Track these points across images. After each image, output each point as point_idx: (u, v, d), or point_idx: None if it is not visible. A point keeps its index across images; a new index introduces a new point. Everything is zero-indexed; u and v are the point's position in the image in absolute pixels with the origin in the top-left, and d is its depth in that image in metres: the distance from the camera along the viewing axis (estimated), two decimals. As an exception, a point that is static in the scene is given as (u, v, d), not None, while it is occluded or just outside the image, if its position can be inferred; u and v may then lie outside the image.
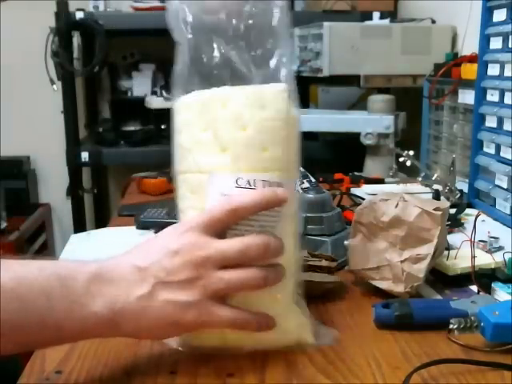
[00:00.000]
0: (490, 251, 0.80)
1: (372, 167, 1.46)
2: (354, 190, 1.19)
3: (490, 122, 1.05)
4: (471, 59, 1.20)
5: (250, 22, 0.56)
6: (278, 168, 0.55)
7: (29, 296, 0.47)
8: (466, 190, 1.12)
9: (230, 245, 0.52)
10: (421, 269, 0.67)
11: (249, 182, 0.53)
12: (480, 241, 0.82)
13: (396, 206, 0.69)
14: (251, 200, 0.52)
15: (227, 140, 0.54)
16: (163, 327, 0.51)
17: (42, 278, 0.48)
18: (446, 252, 0.76)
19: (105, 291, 0.49)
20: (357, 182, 1.27)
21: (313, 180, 1.03)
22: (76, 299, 0.48)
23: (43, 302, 0.48)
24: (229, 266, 0.51)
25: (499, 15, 1.03)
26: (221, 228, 0.53)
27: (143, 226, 1.00)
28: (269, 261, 0.53)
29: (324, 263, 0.73)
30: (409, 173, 1.36)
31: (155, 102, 1.97)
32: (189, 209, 0.57)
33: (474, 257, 0.72)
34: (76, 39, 2.12)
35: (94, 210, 2.38)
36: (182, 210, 0.58)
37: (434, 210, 0.68)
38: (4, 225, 2.03)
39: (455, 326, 0.60)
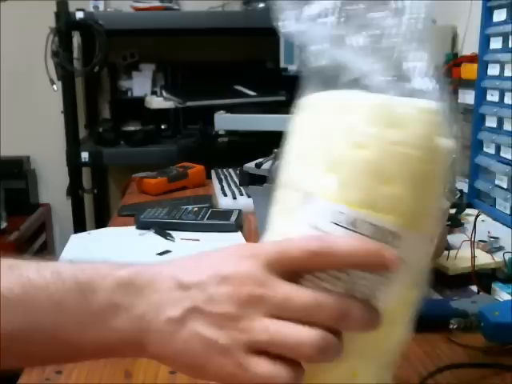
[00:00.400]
0: (490, 251, 0.80)
1: (372, 167, 1.45)
2: (354, 190, 1.19)
3: (490, 122, 1.05)
4: (471, 59, 1.20)
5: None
6: (399, 213, 0.39)
7: (37, 305, 0.40)
8: (465, 190, 1.12)
9: (297, 294, 0.38)
10: (421, 269, 0.67)
11: (351, 222, 0.39)
12: (480, 241, 0.82)
13: (396, 206, 0.69)
14: (346, 250, 0.38)
15: (337, 157, 0.40)
16: (187, 364, 0.40)
17: (56, 284, 0.40)
18: (446, 252, 0.76)
19: (132, 304, 0.40)
20: (357, 182, 1.27)
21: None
22: (95, 312, 0.40)
23: (54, 313, 0.40)
24: (282, 319, 0.38)
25: (499, 15, 1.03)
26: (294, 270, 0.40)
27: (143, 226, 1.00)
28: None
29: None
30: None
31: (155, 102, 1.97)
32: (270, 231, 0.44)
33: (473, 257, 0.72)
34: (76, 39, 2.12)
35: (94, 210, 2.38)
36: (267, 231, 0.45)
37: (434, 210, 0.68)
38: (4, 225, 2.03)
39: (455, 326, 0.60)
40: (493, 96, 1.04)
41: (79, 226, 2.01)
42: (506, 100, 1.00)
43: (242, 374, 0.38)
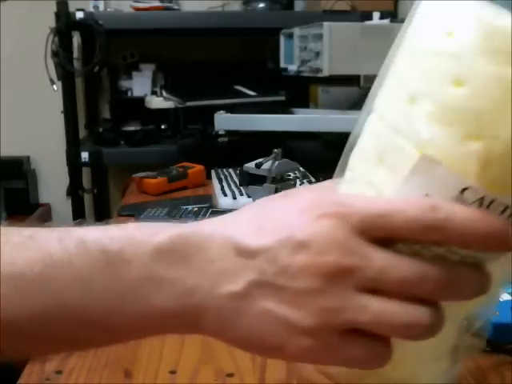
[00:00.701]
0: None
1: (372, 167, 1.45)
2: (354, 190, 1.19)
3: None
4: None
5: None
6: None
7: (60, 284, 0.33)
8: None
9: (397, 264, 0.30)
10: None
11: (480, 200, 0.30)
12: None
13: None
14: (465, 228, 0.30)
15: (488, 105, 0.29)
16: (257, 344, 0.33)
17: (81, 256, 0.33)
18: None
19: (177, 276, 0.32)
20: (357, 182, 1.27)
21: (313, 180, 1.04)
22: (130, 288, 0.33)
23: (80, 292, 0.33)
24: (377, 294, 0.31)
25: (499, 15, 1.03)
26: (388, 238, 0.31)
27: (143, 226, 1.00)
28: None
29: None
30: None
31: (155, 102, 1.96)
32: (360, 181, 0.34)
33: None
34: (76, 39, 2.12)
35: (94, 210, 2.38)
36: (347, 178, 0.36)
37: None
38: (4, 225, 2.03)
39: (455, 326, 0.59)
40: (493, 96, 1.04)
41: (79, 226, 2.01)
42: (506, 100, 1.00)
43: (333, 356, 0.32)
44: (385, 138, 0.33)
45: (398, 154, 0.32)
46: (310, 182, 1.02)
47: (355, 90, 1.69)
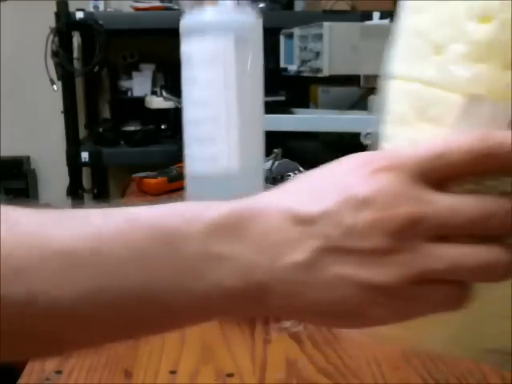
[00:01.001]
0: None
1: (372, 167, 1.46)
2: (354, 190, 1.19)
3: (490, 122, 1.05)
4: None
5: None
6: None
7: (115, 261, 0.30)
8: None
9: (463, 204, 0.30)
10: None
11: None
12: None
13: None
14: None
15: None
16: (334, 316, 0.32)
17: (134, 234, 0.31)
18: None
19: (235, 251, 0.31)
20: (357, 182, 1.27)
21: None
22: (188, 265, 0.31)
23: (137, 269, 0.30)
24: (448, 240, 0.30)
25: (499, 15, 1.03)
26: (447, 178, 0.30)
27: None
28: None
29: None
30: (409, 173, 1.36)
31: (155, 102, 1.96)
32: (405, 143, 0.34)
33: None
34: (76, 39, 2.12)
35: (94, 210, 2.38)
36: (386, 135, 0.36)
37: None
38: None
39: (455, 326, 0.59)
40: (493, 96, 1.04)
41: (79, 226, 2.01)
42: (506, 100, 1.00)
43: (413, 308, 0.31)
44: (421, 96, 0.33)
45: (440, 105, 0.32)
46: (309, 182, 1.02)
47: (355, 89, 1.69)
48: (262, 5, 2.21)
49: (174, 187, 1.28)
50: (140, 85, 2.17)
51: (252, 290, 0.31)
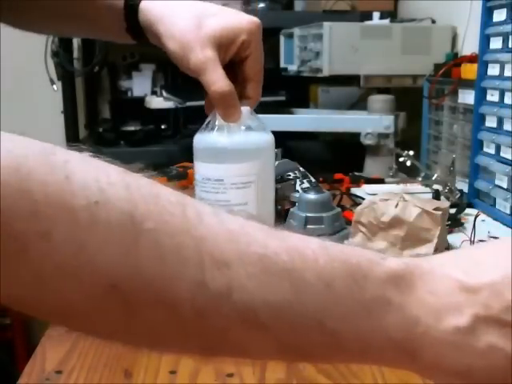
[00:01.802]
0: (490, 251, 0.79)
1: (372, 167, 1.46)
2: (354, 190, 1.19)
3: (490, 122, 1.05)
4: (471, 59, 1.20)
5: None
6: None
7: (305, 279, 0.32)
8: (466, 189, 1.12)
9: None
10: (421, 269, 0.67)
11: None
12: (480, 241, 0.82)
13: (396, 206, 0.69)
14: None
15: None
16: (479, 379, 0.33)
17: (324, 260, 0.32)
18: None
19: (405, 302, 0.33)
20: (357, 182, 1.27)
21: (313, 180, 1.03)
22: (366, 303, 0.32)
23: (324, 294, 0.32)
24: None
25: (499, 15, 1.03)
26: None
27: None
28: None
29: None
30: (409, 173, 1.36)
31: (155, 102, 1.96)
32: None
33: (473, 257, 0.71)
34: (76, 39, 2.12)
35: (94, 210, 2.38)
36: None
37: (434, 209, 0.68)
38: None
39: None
40: (493, 96, 1.04)
41: (79, 226, 2.01)
42: (506, 100, 1.00)
43: None
44: None
45: None
46: (309, 182, 1.02)
47: (355, 89, 1.70)
48: (262, 5, 2.21)
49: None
50: (140, 85, 2.17)
51: (409, 341, 0.32)
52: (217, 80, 0.63)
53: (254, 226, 0.33)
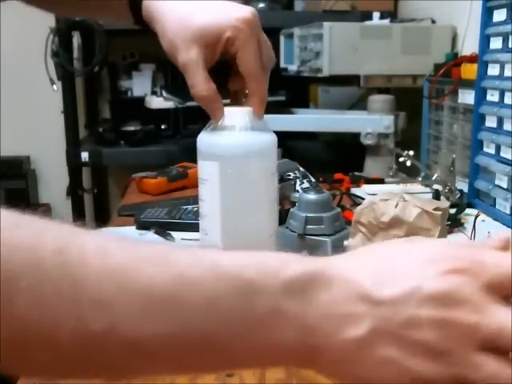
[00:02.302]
0: (490, 251, 0.79)
1: (372, 167, 1.46)
2: (354, 190, 1.19)
3: (490, 122, 1.05)
4: (471, 59, 1.20)
5: None
6: None
7: (188, 304, 0.33)
8: (466, 190, 1.12)
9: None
10: (421, 269, 0.67)
11: None
12: (480, 241, 0.82)
13: (396, 206, 0.69)
14: None
15: None
16: None
17: (212, 279, 0.33)
18: (445, 252, 0.76)
19: (302, 312, 0.33)
20: (357, 181, 1.27)
21: (313, 180, 1.03)
22: (256, 318, 0.33)
23: (207, 313, 0.33)
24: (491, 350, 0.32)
25: (499, 15, 1.03)
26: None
27: (143, 226, 1.00)
28: None
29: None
30: (409, 173, 1.36)
31: (155, 102, 1.96)
32: None
33: (473, 257, 0.71)
34: (76, 39, 2.12)
35: (94, 210, 2.38)
36: None
37: (434, 210, 0.68)
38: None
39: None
40: (493, 96, 1.04)
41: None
42: (506, 100, 1.00)
43: None
44: None
45: None
46: (309, 182, 1.02)
47: (355, 89, 1.70)
48: (262, 5, 2.21)
49: (173, 187, 1.28)
50: (140, 85, 2.17)
51: (307, 350, 0.33)
52: (196, 83, 0.63)
53: (144, 255, 0.33)
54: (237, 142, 0.65)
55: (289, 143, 1.65)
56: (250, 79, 0.64)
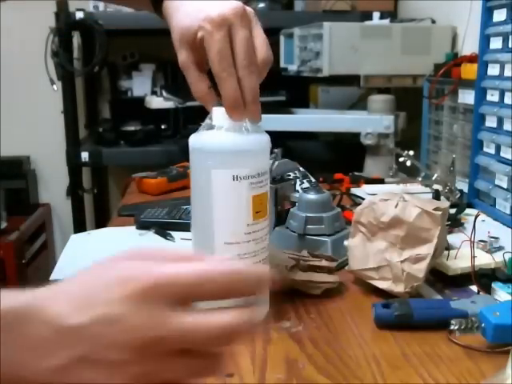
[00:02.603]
0: (489, 251, 0.80)
1: (372, 167, 1.46)
2: (354, 190, 1.19)
3: (490, 122, 1.05)
4: (471, 59, 1.20)
5: None
6: None
7: None
8: (466, 190, 1.12)
9: (193, 328, 0.37)
10: (421, 269, 0.67)
11: None
12: (480, 241, 0.82)
13: (396, 206, 0.69)
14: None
15: None
16: None
17: None
18: (445, 252, 0.76)
19: (5, 342, 0.36)
20: (357, 182, 1.27)
21: (313, 180, 1.03)
22: None
23: None
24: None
25: (499, 15, 1.03)
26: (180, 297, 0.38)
27: (143, 226, 1.00)
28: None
29: (324, 263, 0.73)
30: (409, 173, 1.36)
31: (155, 102, 1.96)
32: None
33: (473, 257, 0.72)
34: (76, 39, 2.12)
35: (94, 210, 2.38)
36: None
37: (434, 210, 0.68)
38: (4, 225, 2.03)
39: (456, 327, 0.60)
40: (493, 96, 1.04)
41: (79, 226, 2.01)
42: (506, 100, 1.00)
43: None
44: None
45: None
46: (309, 182, 1.02)
47: (355, 89, 1.69)
48: (262, 5, 2.21)
49: (173, 187, 1.28)
50: (140, 85, 2.17)
51: (15, 375, 0.37)
52: (190, 84, 0.63)
53: None
54: (229, 141, 0.62)
55: (289, 143, 1.66)
56: (217, 78, 0.59)
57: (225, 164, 0.60)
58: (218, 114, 0.61)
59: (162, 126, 2.02)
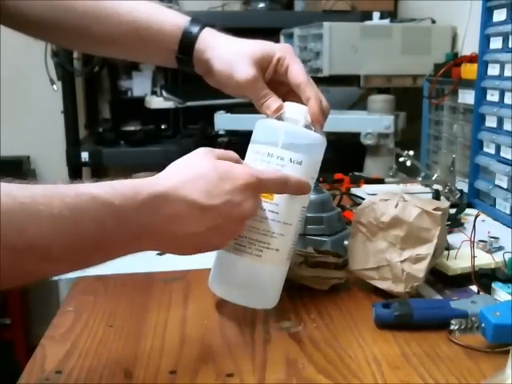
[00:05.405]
0: (489, 251, 0.80)
1: (372, 167, 1.46)
2: (354, 190, 1.19)
3: (490, 122, 1.05)
4: (471, 59, 1.20)
5: None
6: None
7: (84, 224, 0.48)
8: (466, 189, 1.12)
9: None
10: (421, 269, 0.67)
11: None
12: (480, 241, 0.82)
13: (396, 206, 0.69)
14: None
15: None
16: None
17: (95, 208, 0.49)
18: (445, 252, 0.76)
19: (153, 224, 0.52)
20: (357, 182, 1.27)
21: (313, 180, 1.03)
22: (128, 231, 0.51)
23: (98, 230, 0.49)
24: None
25: (499, 15, 1.03)
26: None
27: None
28: None
29: (331, 259, 0.73)
30: (409, 173, 1.36)
31: (155, 102, 1.96)
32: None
33: (473, 257, 0.72)
34: (76, 39, 2.12)
35: (94, 210, 2.38)
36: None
37: (434, 210, 0.68)
38: None
39: (456, 327, 0.60)
40: (493, 96, 1.04)
41: (79, 226, 2.01)
42: (506, 100, 1.00)
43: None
44: None
45: None
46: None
47: (355, 89, 1.69)
48: (262, 5, 2.20)
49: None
50: (140, 85, 2.17)
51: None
52: (263, 95, 0.71)
53: (41, 193, 0.49)
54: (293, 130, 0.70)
55: (289, 143, 1.65)
56: (305, 86, 0.72)
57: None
58: (294, 111, 0.71)
59: (162, 126, 2.02)
